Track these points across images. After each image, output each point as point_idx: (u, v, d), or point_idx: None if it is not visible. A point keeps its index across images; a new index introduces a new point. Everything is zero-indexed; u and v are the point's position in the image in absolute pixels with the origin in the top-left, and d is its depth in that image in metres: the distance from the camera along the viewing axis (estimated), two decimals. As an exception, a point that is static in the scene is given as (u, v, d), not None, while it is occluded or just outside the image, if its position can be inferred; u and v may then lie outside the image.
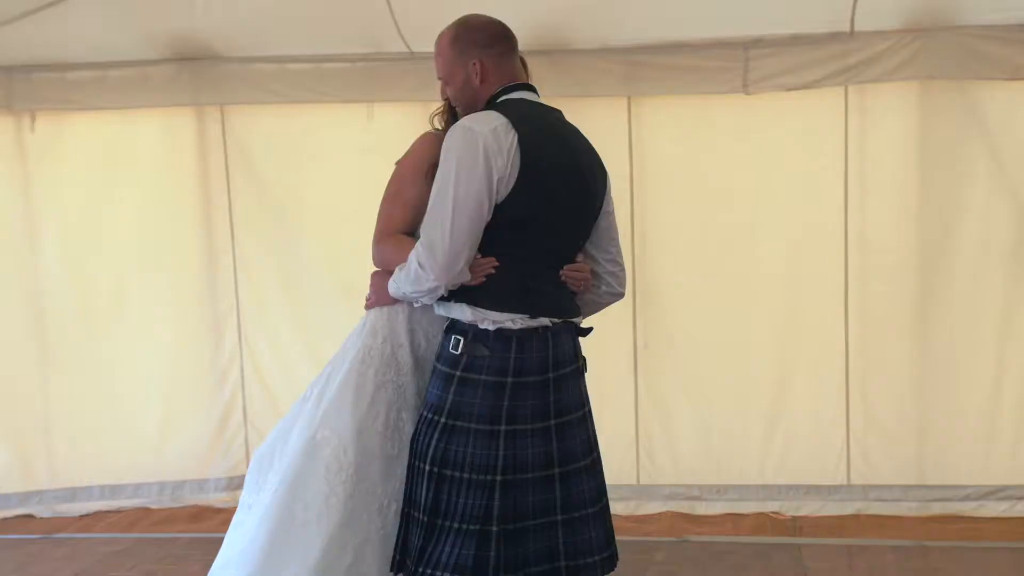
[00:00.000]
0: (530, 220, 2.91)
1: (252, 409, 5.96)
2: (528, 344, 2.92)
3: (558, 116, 3.10)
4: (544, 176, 2.89)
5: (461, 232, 2.83)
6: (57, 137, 5.78)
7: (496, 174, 2.83)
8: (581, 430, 3.05)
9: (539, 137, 2.91)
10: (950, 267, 5.34)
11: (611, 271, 3.17)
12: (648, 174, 5.50)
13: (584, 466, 3.04)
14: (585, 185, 3.02)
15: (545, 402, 2.96)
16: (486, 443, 2.91)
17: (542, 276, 2.97)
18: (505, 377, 2.92)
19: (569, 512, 3.02)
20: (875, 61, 5.17)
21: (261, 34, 5.39)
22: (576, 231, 3.06)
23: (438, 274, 2.86)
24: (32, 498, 5.90)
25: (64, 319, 5.86)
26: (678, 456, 5.63)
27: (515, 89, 3.05)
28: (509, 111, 2.93)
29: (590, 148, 3.11)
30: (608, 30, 5.28)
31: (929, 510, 5.41)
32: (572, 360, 3.04)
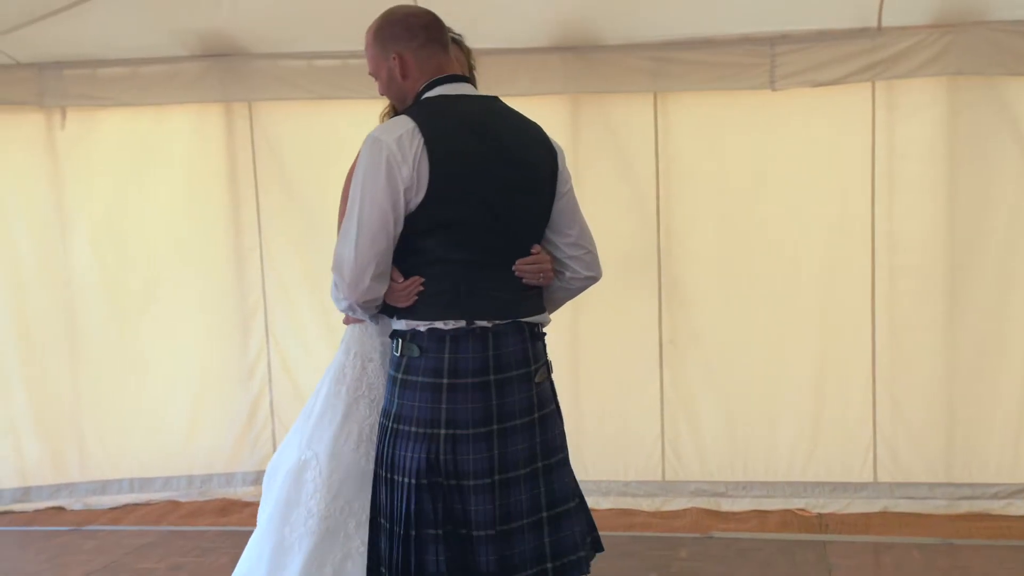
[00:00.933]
0: (456, 223, 2.80)
1: (279, 404, 6.01)
2: (464, 344, 2.82)
3: (488, 105, 2.95)
4: (460, 176, 2.79)
5: (364, 249, 2.77)
6: (87, 133, 5.83)
7: (401, 185, 2.74)
8: (526, 436, 2.88)
9: (452, 136, 2.80)
10: (978, 264, 5.30)
11: (573, 255, 3.01)
12: (674, 170, 5.50)
13: (524, 475, 2.87)
14: (518, 173, 2.87)
15: (486, 406, 2.83)
16: (425, 446, 2.81)
17: (482, 277, 2.85)
18: (440, 378, 2.82)
19: (506, 523, 2.86)
20: (903, 57, 5.15)
21: (289, 31, 5.42)
22: (518, 223, 2.90)
23: (346, 292, 2.84)
24: (63, 491, 5.97)
25: (94, 314, 5.93)
26: (704, 452, 5.63)
27: (439, 83, 2.92)
28: (422, 111, 2.85)
29: (527, 131, 2.96)
30: (635, 26, 5.28)
31: (956, 508, 5.39)
32: (522, 363, 2.89)
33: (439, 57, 2.95)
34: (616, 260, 5.46)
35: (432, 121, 2.80)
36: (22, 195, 5.88)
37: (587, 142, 5.54)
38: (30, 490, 5.95)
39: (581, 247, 3.02)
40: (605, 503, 5.55)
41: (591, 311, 5.50)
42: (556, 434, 2.99)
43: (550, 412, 2.98)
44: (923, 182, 5.33)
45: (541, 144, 2.97)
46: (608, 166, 5.55)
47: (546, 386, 2.98)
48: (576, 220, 3.02)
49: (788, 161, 5.42)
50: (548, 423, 2.96)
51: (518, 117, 2.98)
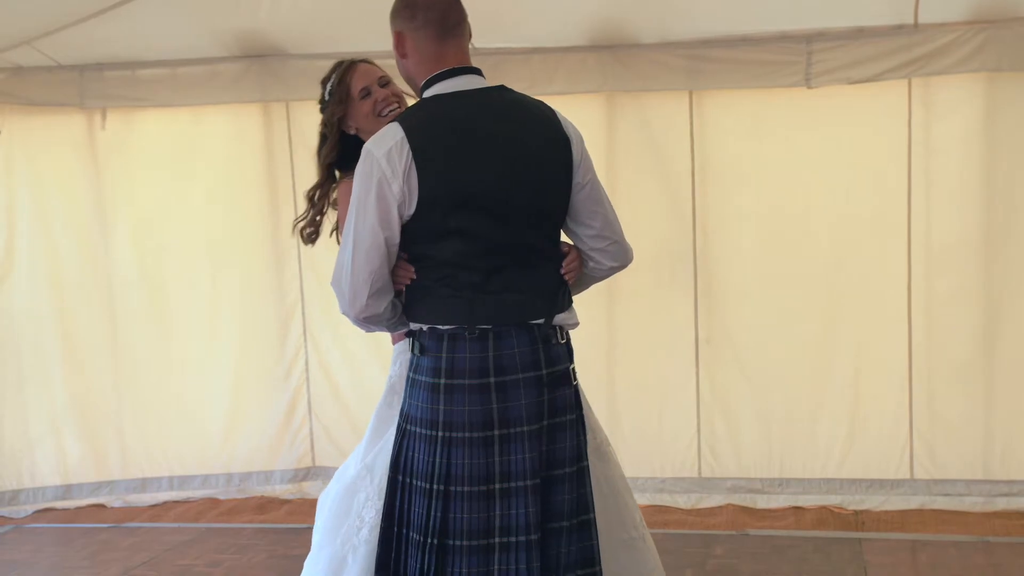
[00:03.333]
0: (454, 230, 2.71)
1: (317, 402, 6.05)
2: (461, 343, 2.72)
3: (488, 100, 2.80)
4: (452, 183, 2.69)
5: (360, 268, 2.71)
6: (127, 134, 5.90)
7: (393, 201, 2.67)
8: (532, 446, 2.72)
9: (442, 143, 2.70)
10: (1015, 262, 5.28)
11: (597, 247, 2.90)
12: (710, 168, 5.50)
13: (528, 486, 2.71)
14: (519, 172, 2.74)
15: (486, 409, 2.71)
16: (428, 448, 2.74)
17: (488, 281, 2.73)
18: (438, 378, 2.73)
19: (506, 536, 2.72)
20: (939, 54, 5.12)
21: (326, 30, 5.44)
22: (524, 221, 2.76)
23: (345, 308, 2.79)
24: (104, 488, 6.03)
25: (135, 313, 5.98)
26: (740, 449, 5.63)
27: (438, 80, 2.79)
28: (414, 117, 2.76)
29: (534, 123, 2.81)
30: (670, 24, 5.28)
31: (994, 505, 5.36)
32: (530, 366, 2.74)
33: (437, 44, 2.79)
34: (652, 258, 5.52)
35: (422, 129, 2.71)
36: (63, 195, 5.94)
37: (623, 140, 5.55)
38: (71, 488, 6.01)
39: (605, 238, 2.90)
40: (641, 500, 5.50)
41: (627, 309, 5.52)
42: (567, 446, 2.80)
43: (564, 422, 2.80)
44: (960, 179, 5.31)
45: (550, 135, 2.82)
46: (643, 164, 5.56)
47: (566, 394, 2.81)
48: (599, 211, 2.88)
49: (824, 159, 5.41)
50: (559, 434, 2.79)
51: (524, 109, 2.83)
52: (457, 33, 2.82)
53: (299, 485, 6.06)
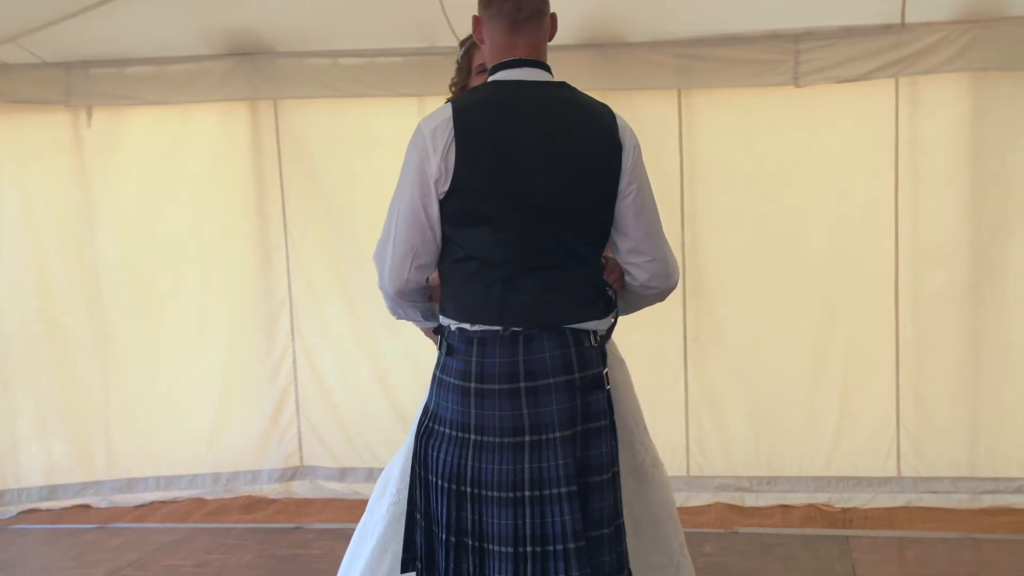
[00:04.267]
0: (485, 218, 2.70)
1: (305, 401, 6.03)
2: (491, 348, 2.71)
3: (545, 94, 2.78)
4: (487, 169, 2.68)
5: (401, 241, 2.73)
6: (114, 132, 5.86)
7: (431, 177, 2.68)
8: (566, 451, 2.69)
9: (487, 127, 2.71)
10: (1002, 260, 5.32)
11: (631, 261, 2.82)
12: (698, 167, 5.51)
13: (564, 493, 2.68)
14: (560, 169, 2.70)
15: (517, 415, 2.69)
16: (457, 450, 2.73)
17: (518, 277, 2.71)
18: (468, 382, 2.72)
19: (542, 545, 2.68)
20: (927, 53, 5.14)
21: (314, 29, 5.44)
22: (559, 221, 2.72)
23: (384, 284, 2.80)
24: (89, 489, 6.00)
25: (121, 313, 5.95)
26: (728, 448, 5.64)
27: (502, 68, 2.79)
28: (468, 99, 2.81)
29: (588, 124, 2.77)
30: (659, 23, 5.29)
31: (980, 502, 5.39)
32: (562, 370, 2.71)
33: (508, 34, 2.78)
34: (640, 256, 5.51)
35: (471, 110, 2.73)
36: (49, 194, 5.90)
37: (612, 139, 5.55)
38: (56, 488, 5.97)
39: (641, 254, 2.81)
40: (629, 499, 5.56)
41: (615, 308, 5.52)
42: (602, 452, 2.76)
43: (598, 428, 2.76)
44: (947, 178, 5.34)
45: (600, 138, 2.76)
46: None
47: (600, 399, 2.77)
48: (639, 225, 2.78)
49: (812, 157, 5.43)
50: (594, 439, 2.75)
51: (580, 108, 2.79)
52: (530, 25, 2.79)
53: (287, 485, 6.04)
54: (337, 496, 5.92)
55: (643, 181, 2.81)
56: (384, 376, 5.88)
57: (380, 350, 5.86)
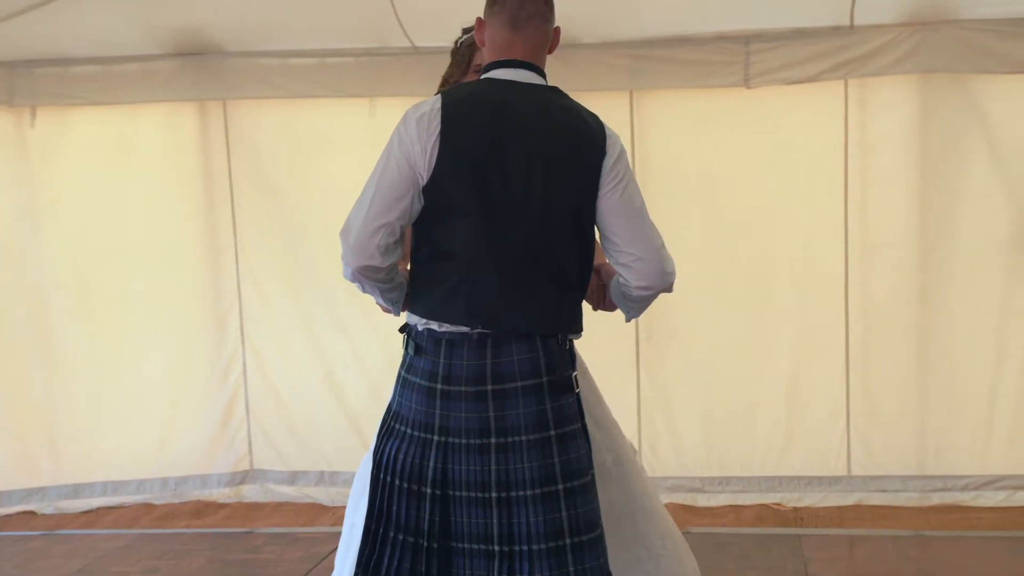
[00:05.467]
0: (460, 213, 2.69)
1: (254, 404, 5.97)
2: (458, 350, 2.70)
3: (535, 96, 2.78)
4: (467, 164, 2.67)
5: (373, 217, 2.69)
6: (59, 132, 5.78)
7: (413, 163, 2.68)
8: (537, 454, 2.68)
9: (472, 122, 2.70)
10: (950, 259, 5.37)
11: (621, 262, 2.79)
12: (650, 167, 5.52)
13: (535, 495, 2.68)
14: (543, 169, 2.69)
15: (483, 417, 2.68)
16: (421, 451, 2.72)
17: (491, 277, 2.70)
18: (435, 383, 2.71)
19: (509, 544, 2.69)
20: (875, 55, 5.19)
21: (264, 29, 5.40)
22: (535, 222, 2.70)
23: (347, 257, 2.75)
24: (34, 495, 5.90)
25: (67, 315, 5.86)
26: (680, 448, 5.66)
27: (497, 66, 2.81)
28: (458, 92, 2.81)
29: (572, 127, 2.76)
30: (611, 24, 5.30)
31: (928, 500, 5.45)
32: (530, 374, 2.69)
33: (508, 33, 2.80)
34: (592, 257, 5.53)
35: (459, 104, 2.73)
36: (-8, 195, 5.81)
37: (563, 140, 5.55)
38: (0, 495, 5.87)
39: (628, 254, 2.78)
40: (582, 500, 5.56)
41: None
42: (580, 455, 2.75)
43: (573, 431, 2.74)
44: (895, 178, 5.39)
45: (585, 145, 2.75)
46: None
47: (570, 402, 2.75)
48: (623, 223, 2.77)
49: (763, 158, 5.46)
50: (571, 443, 2.73)
51: (567, 113, 2.79)
52: (530, 27, 2.81)
53: (237, 489, 5.98)
54: (288, 500, 5.87)
55: (627, 183, 2.79)
56: (334, 379, 5.84)
57: (329, 353, 5.82)
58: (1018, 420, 5.41)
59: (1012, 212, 5.32)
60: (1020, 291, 5.35)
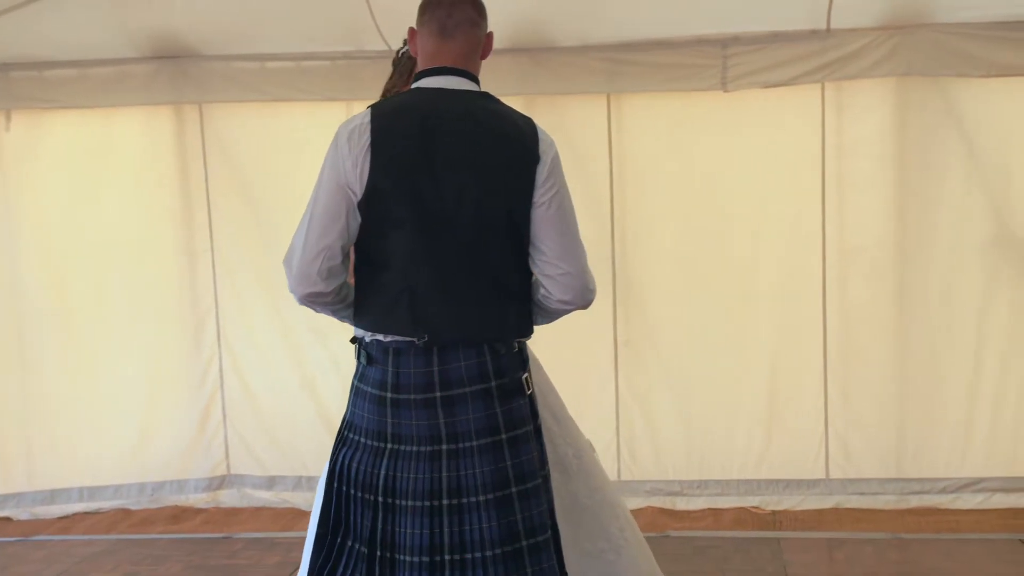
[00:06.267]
0: (397, 226, 2.68)
1: (232, 409, 5.93)
2: (405, 358, 2.69)
3: (463, 103, 2.76)
4: (398, 176, 2.67)
5: (313, 243, 2.69)
6: (34, 136, 5.75)
7: (346, 179, 2.66)
8: (489, 459, 2.69)
9: (401, 133, 2.69)
10: (927, 262, 5.39)
11: (546, 273, 2.74)
12: (628, 171, 5.53)
13: (487, 500, 2.68)
14: (469, 178, 2.68)
15: (433, 424, 2.69)
16: (373, 460, 2.72)
17: (431, 288, 2.69)
18: (385, 392, 2.71)
19: (460, 553, 2.68)
20: (852, 58, 5.21)
21: (241, 32, 5.38)
22: (470, 231, 2.69)
23: (292, 286, 2.75)
24: (10, 500, 5.86)
25: (42, 319, 5.82)
26: (659, 452, 5.65)
27: (427, 75, 2.80)
28: (388, 104, 2.80)
29: (502, 134, 2.74)
30: (588, 27, 5.30)
31: (907, 503, 5.46)
32: (478, 379, 2.69)
33: (436, 42, 2.80)
34: (571, 261, 5.52)
35: (388, 115, 2.73)
36: (-34, 199, 5.77)
37: (541, 143, 5.55)
38: (-26, 501, 5.84)
39: (556, 267, 2.74)
40: (560, 503, 5.56)
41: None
42: (532, 457, 2.75)
43: (525, 433, 2.75)
44: (872, 181, 5.40)
45: (516, 150, 2.73)
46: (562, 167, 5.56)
47: (521, 404, 2.75)
48: (554, 236, 2.73)
49: (741, 161, 5.46)
50: (523, 446, 2.73)
51: (497, 119, 2.77)
52: (459, 34, 2.81)
53: (214, 494, 5.94)
54: (266, 505, 5.85)
55: (562, 194, 2.77)
56: (311, 383, 5.82)
57: (307, 357, 5.79)
58: (996, 423, 5.43)
59: (989, 215, 5.34)
60: (998, 294, 5.37)
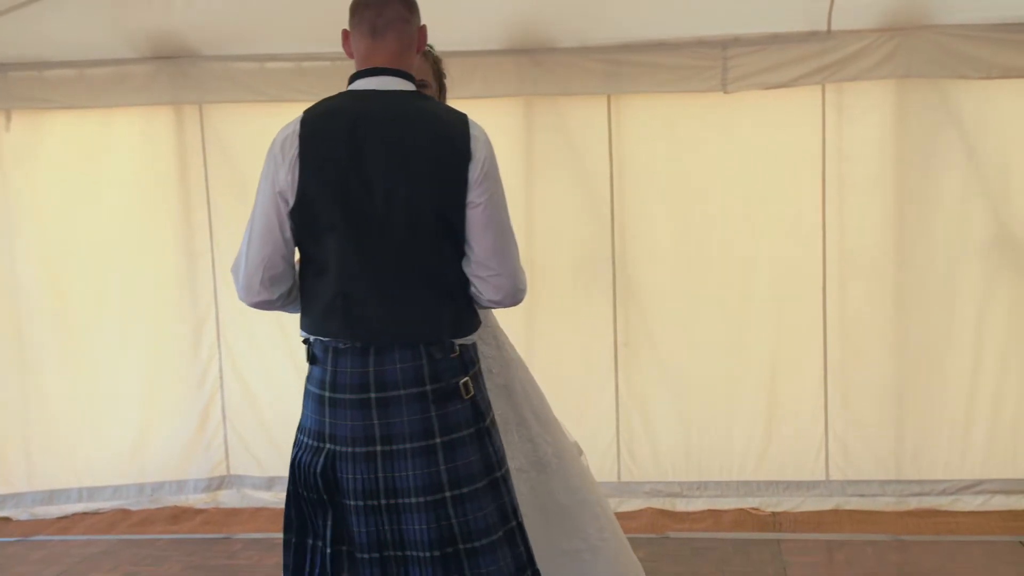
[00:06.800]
0: (329, 229, 2.69)
1: (231, 409, 5.93)
2: (343, 358, 2.71)
3: (391, 104, 2.75)
4: (327, 180, 2.67)
5: (254, 253, 2.75)
6: (34, 137, 5.74)
7: (279, 187, 2.70)
8: (422, 462, 2.69)
9: (329, 138, 2.70)
10: (926, 264, 5.39)
11: (476, 274, 2.75)
12: (627, 172, 5.52)
13: (421, 503, 2.69)
14: (404, 176, 2.67)
15: (368, 425, 2.70)
16: (313, 459, 2.76)
17: (366, 290, 2.70)
18: (324, 391, 2.75)
19: (403, 549, 2.73)
20: (852, 60, 5.21)
21: (240, 32, 5.37)
22: (402, 233, 2.68)
23: (240, 294, 2.82)
24: (9, 501, 5.85)
25: (42, 320, 5.82)
26: (658, 453, 5.65)
27: (359, 77, 2.81)
28: (317, 108, 2.79)
29: (432, 134, 2.72)
30: (588, 28, 5.30)
31: (906, 504, 5.46)
32: (413, 383, 2.69)
33: (368, 42, 2.80)
34: (570, 262, 5.56)
35: (317, 120, 2.74)
36: (-35, 200, 5.76)
37: (541, 144, 5.55)
38: (-26, 501, 5.84)
39: (487, 268, 2.74)
40: (560, 504, 5.55)
41: (546, 312, 5.52)
42: (472, 461, 2.73)
43: (463, 437, 2.73)
44: (872, 183, 5.40)
45: (447, 149, 2.72)
46: (562, 168, 5.57)
47: (459, 409, 2.74)
48: (486, 238, 2.73)
49: (741, 163, 5.46)
50: (460, 450, 2.72)
51: (429, 119, 2.76)
52: (390, 33, 2.80)
53: (213, 494, 5.94)
54: (265, 505, 5.83)
55: (495, 193, 2.75)
56: (311, 384, 5.80)
57: (305, 358, 5.78)
58: (995, 425, 5.43)
59: (988, 217, 5.34)
60: (997, 296, 5.37)
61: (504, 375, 3.37)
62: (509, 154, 5.21)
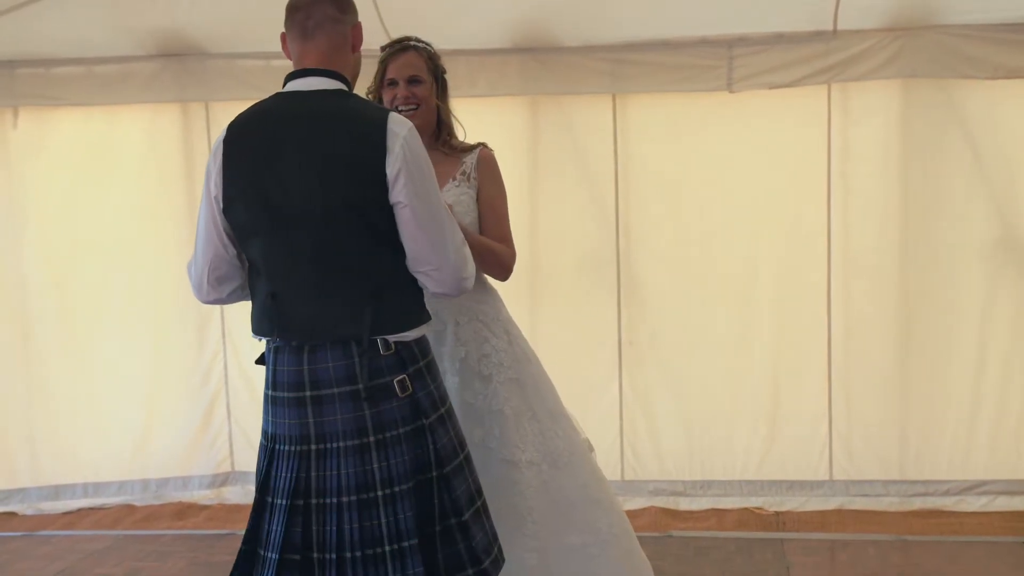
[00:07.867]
0: (253, 233, 2.72)
1: (236, 405, 5.94)
2: (282, 356, 2.74)
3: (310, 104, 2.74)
4: (246, 184, 2.70)
5: (200, 255, 2.83)
6: (41, 133, 5.76)
7: (213, 192, 2.75)
8: (354, 461, 2.68)
9: (248, 142, 2.72)
10: (931, 264, 5.38)
11: (417, 270, 2.74)
12: (632, 171, 5.53)
13: (350, 502, 2.68)
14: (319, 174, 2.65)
15: (304, 423, 2.71)
16: (263, 459, 2.80)
17: (294, 289, 2.71)
18: (268, 389, 2.80)
19: (323, 552, 2.69)
20: (857, 60, 5.21)
21: (246, 30, 5.38)
22: (325, 235, 2.67)
23: (193, 292, 2.91)
24: (15, 496, 5.88)
25: (47, 317, 5.84)
26: (662, 452, 5.65)
27: (290, 79, 2.81)
28: (247, 113, 2.81)
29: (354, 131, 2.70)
30: (593, 28, 5.30)
31: (910, 505, 5.45)
32: (345, 381, 2.69)
33: (299, 44, 2.82)
34: (575, 261, 5.56)
35: (241, 125, 2.77)
36: (-28, 196, 5.78)
37: (546, 144, 5.56)
38: (-21, 496, 5.86)
39: (426, 263, 2.73)
40: (564, 502, 5.56)
41: (550, 311, 5.53)
42: (406, 460, 2.71)
43: (397, 436, 2.71)
44: (877, 183, 5.40)
45: (364, 146, 2.68)
46: (567, 167, 5.57)
47: (393, 407, 2.72)
48: (420, 237, 2.71)
49: (745, 162, 5.46)
50: (394, 448, 2.70)
51: (348, 117, 2.74)
52: (320, 34, 2.80)
53: (218, 490, 5.96)
54: (269, 502, 5.84)
55: (420, 189, 2.70)
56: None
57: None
58: (999, 425, 5.42)
59: (993, 217, 5.33)
60: (1001, 296, 5.36)
61: (515, 369, 3.41)
62: (514, 153, 5.21)
